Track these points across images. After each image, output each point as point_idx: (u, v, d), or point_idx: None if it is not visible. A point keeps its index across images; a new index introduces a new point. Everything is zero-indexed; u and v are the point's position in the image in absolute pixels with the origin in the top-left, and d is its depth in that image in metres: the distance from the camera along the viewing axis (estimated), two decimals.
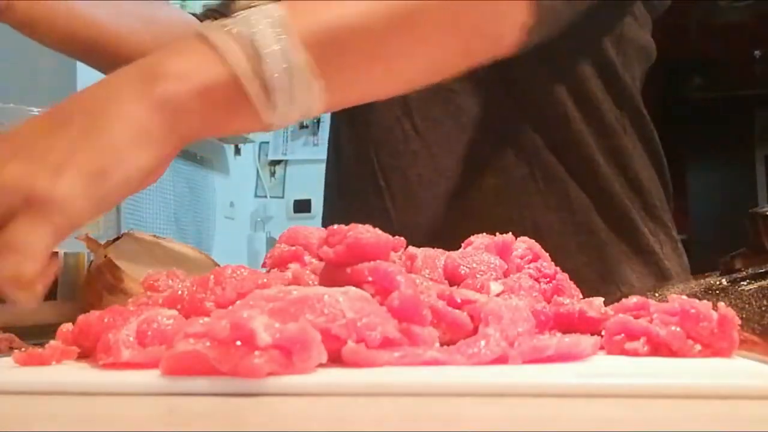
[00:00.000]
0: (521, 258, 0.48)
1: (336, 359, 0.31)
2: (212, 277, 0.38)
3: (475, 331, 0.35)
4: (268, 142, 4.14)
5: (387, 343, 0.32)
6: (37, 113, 0.54)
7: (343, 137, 0.85)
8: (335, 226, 0.39)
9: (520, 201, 0.73)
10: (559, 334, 0.37)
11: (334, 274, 0.38)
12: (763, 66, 4.26)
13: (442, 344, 0.35)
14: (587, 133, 0.73)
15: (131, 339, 0.33)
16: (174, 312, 0.35)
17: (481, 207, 0.73)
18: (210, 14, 0.84)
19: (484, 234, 0.49)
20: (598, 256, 0.72)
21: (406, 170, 0.76)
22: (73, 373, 0.33)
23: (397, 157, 0.77)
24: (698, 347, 0.34)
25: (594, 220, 0.73)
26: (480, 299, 0.37)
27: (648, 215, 0.76)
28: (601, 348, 0.36)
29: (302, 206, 4.04)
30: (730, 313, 0.34)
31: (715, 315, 0.34)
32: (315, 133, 3.96)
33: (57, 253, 0.53)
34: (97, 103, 0.44)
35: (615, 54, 0.75)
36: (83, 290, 0.54)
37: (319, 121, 3.97)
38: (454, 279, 0.43)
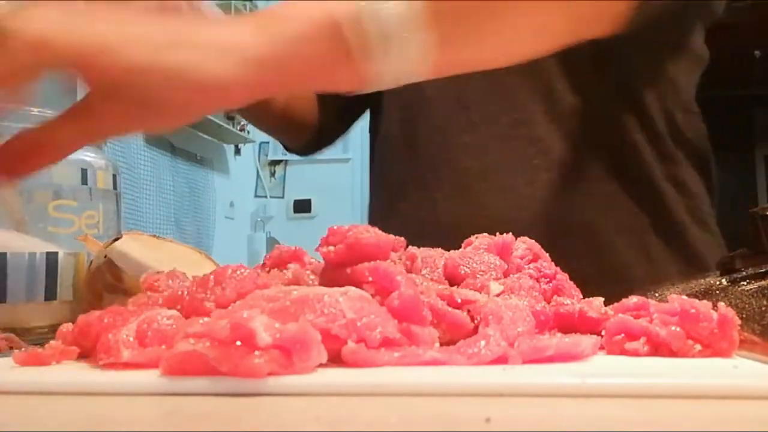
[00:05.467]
0: (521, 258, 0.48)
1: (336, 359, 0.31)
2: (212, 277, 0.38)
3: (475, 331, 0.35)
4: (268, 142, 4.14)
5: (387, 343, 0.32)
6: (37, 113, 0.54)
7: (393, 128, 0.84)
8: (335, 227, 0.39)
9: (571, 198, 0.73)
10: (559, 334, 0.37)
11: (334, 274, 0.38)
12: (763, 66, 4.26)
13: (442, 344, 0.35)
14: (642, 141, 0.74)
15: (131, 339, 0.33)
16: (174, 312, 0.35)
17: (533, 203, 0.73)
18: None
19: (485, 234, 0.49)
20: (646, 257, 0.73)
21: (457, 162, 0.76)
22: (73, 373, 0.33)
23: (449, 150, 0.77)
24: (698, 347, 0.34)
25: (641, 222, 0.74)
26: (480, 299, 0.37)
27: (694, 220, 0.76)
28: (601, 348, 0.36)
29: (302, 206, 4.04)
30: (730, 313, 0.34)
31: (715, 315, 0.34)
32: None
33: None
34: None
35: (674, 63, 0.77)
36: (83, 290, 0.54)
37: None
38: (454, 279, 0.43)
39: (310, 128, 0.95)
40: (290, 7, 0.45)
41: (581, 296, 0.47)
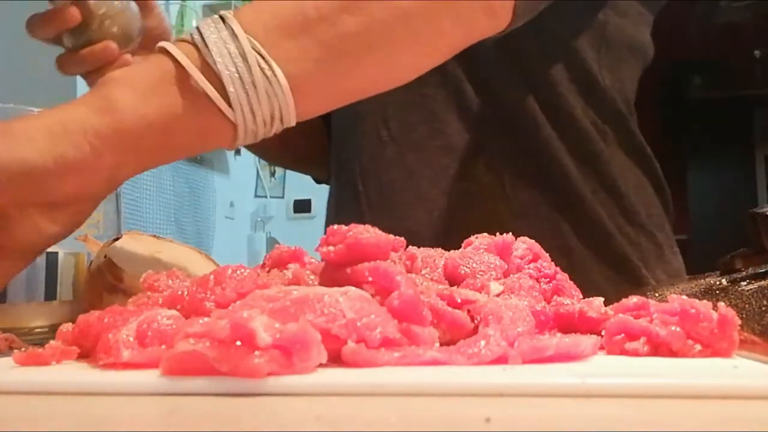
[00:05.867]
0: (521, 258, 0.48)
1: (336, 359, 0.31)
2: (212, 277, 0.38)
3: (475, 331, 0.35)
4: None
5: (387, 343, 0.32)
6: (37, 113, 0.53)
7: (334, 145, 0.87)
8: (335, 226, 0.40)
9: (486, 207, 0.73)
10: (559, 334, 0.37)
11: (334, 274, 0.38)
12: (763, 66, 4.26)
13: (442, 344, 0.35)
14: (556, 139, 0.73)
15: (131, 339, 0.33)
16: (174, 312, 0.35)
17: (450, 213, 0.73)
18: None
19: (485, 234, 0.49)
20: (567, 263, 0.71)
21: (381, 175, 0.77)
22: (73, 373, 0.33)
23: (375, 162, 0.78)
24: (698, 347, 0.34)
25: (561, 227, 0.73)
26: (480, 299, 0.37)
27: (628, 222, 0.74)
28: (601, 348, 0.36)
29: (302, 206, 4.04)
30: (730, 313, 0.34)
31: (715, 315, 0.34)
32: None
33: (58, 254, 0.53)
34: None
35: (594, 56, 0.74)
36: (83, 290, 0.54)
37: None
38: (454, 279, 0.43)
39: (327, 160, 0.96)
40: (133, 69, 0.43)
41: (581, 296, 0.47)
